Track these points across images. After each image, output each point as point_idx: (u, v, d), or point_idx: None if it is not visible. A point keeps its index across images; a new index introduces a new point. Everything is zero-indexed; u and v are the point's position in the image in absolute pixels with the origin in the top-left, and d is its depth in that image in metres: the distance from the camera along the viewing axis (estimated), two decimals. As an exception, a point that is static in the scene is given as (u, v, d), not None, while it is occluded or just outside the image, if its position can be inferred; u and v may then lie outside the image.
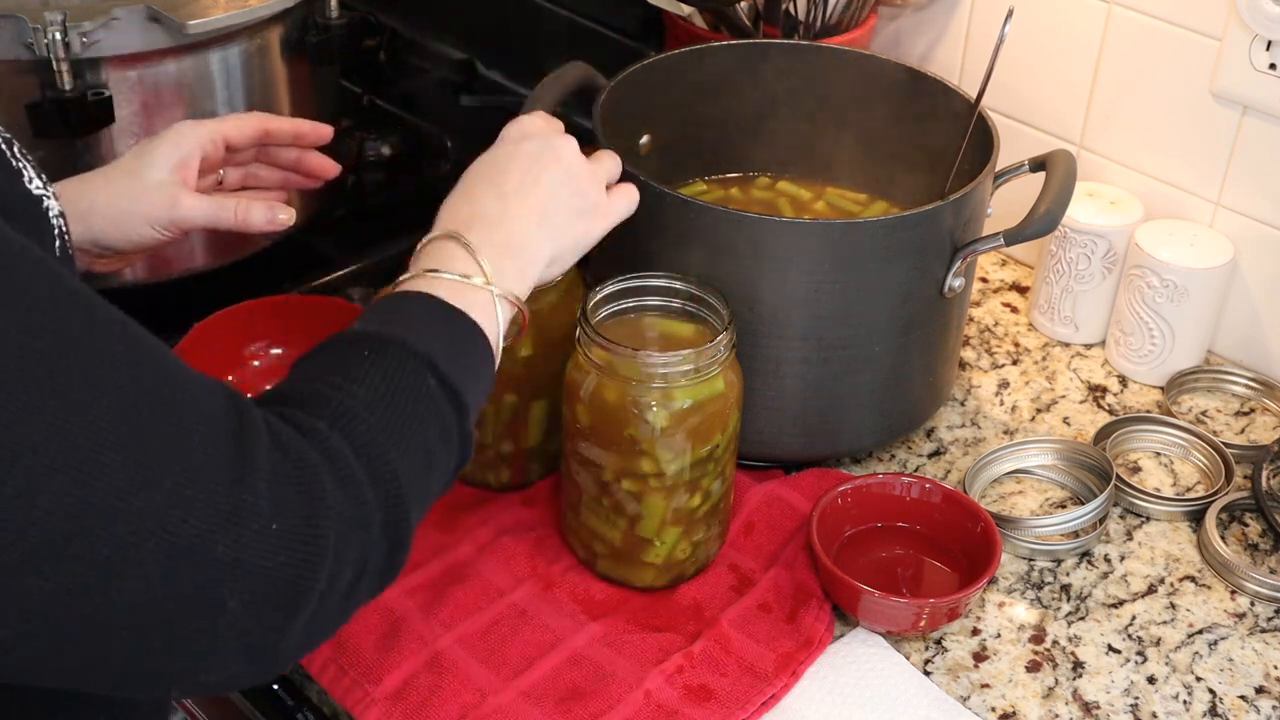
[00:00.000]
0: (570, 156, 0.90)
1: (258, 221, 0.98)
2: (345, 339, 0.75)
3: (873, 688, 0.93)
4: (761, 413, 1.04)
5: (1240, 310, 1.23)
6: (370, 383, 0.71)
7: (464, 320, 0.78)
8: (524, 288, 0.85)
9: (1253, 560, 1.05)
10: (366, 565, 0.67)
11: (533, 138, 0.90)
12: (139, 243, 0.95)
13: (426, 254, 0.83)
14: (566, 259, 0.89)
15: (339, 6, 1.24)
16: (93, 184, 0.95)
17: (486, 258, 0.82)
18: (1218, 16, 1.15)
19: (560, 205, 0.88)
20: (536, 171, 0.87)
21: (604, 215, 0.91)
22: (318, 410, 0.69)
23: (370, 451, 0.68)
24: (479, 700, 0.90)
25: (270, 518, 0.62)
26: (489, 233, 0.83)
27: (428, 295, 0.79)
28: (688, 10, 1.30)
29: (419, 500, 0.72)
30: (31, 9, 1.06)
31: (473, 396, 0.77)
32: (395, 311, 0.78)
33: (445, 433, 0.74)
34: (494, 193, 0.86)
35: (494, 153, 0.90)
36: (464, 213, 0.85)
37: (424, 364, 0.73)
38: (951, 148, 1.09)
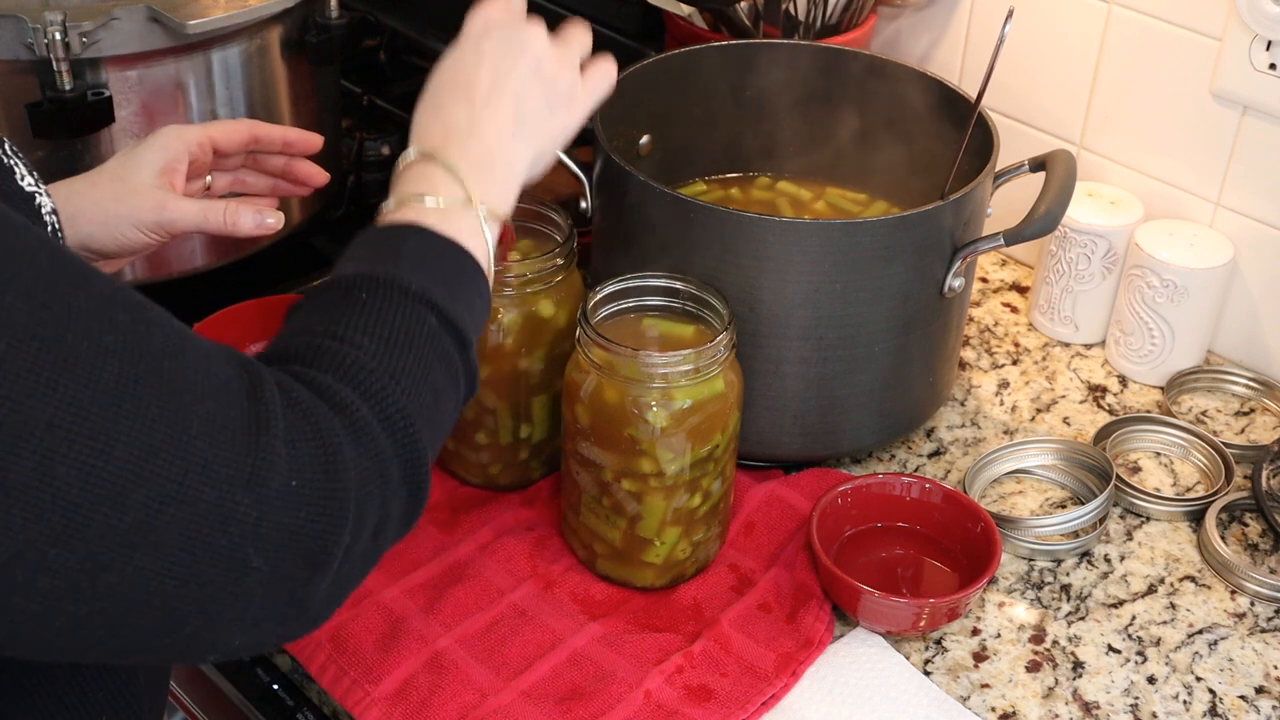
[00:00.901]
0: (537, 46, 0.85)
1: (246, 225, 0.98)
2: (340, 284, 0.73)
3: (873, 688, 0.93)
4: (761, 413, 1.04)
5: (1240, 310, 1.23)
6: (372, 330, 0.70)
7: (456, 250, 0.77)
8: (508, 201, 0.82)
9: (1253, 560, 1.05)
10: (389, 512, 0.68)
11: (495, 31, 0.86)
12: (127, 246, 0.95)
13: (407, 178, 0.80)
14: (548, 156, 0.87)
15: (339, 6, 1.24)
16: (80, 188, 0.95)
17: (468, 176, 0.79)
18: (1218, 16, 1.15)
19: (533, 103, 0.84)
20: (504, 69, 0.84)
21: (581, 101, 0.88)
22: (324, 365, 0.69)
23: (382, 401, 0.68)
24: (479, 700, 0.90)
25: (289, 475, 0.62)
26: (465, 148, 0.81)
27: (417, 226, 0.77)
28: (688, 10, 1.30)
29: (433, 440, 0.72)
30: (31, 9, 1.06)
31: (473, 328, 0.76)
32: (386, 247, 0.76)
33: (450, 369, 0.73)
34: (463, 101, 0.83)
35: (458, 52, 0.86)
36: (436, 127, 0.82)
37: (422, 302, 0.72)
38: (951, 148, 1.09)
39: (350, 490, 0.65)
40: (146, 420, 0.58)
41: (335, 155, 1.39)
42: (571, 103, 0.87)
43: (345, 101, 1.46)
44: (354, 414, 0.67)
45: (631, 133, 1.16)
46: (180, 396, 0.60)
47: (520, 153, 0.83)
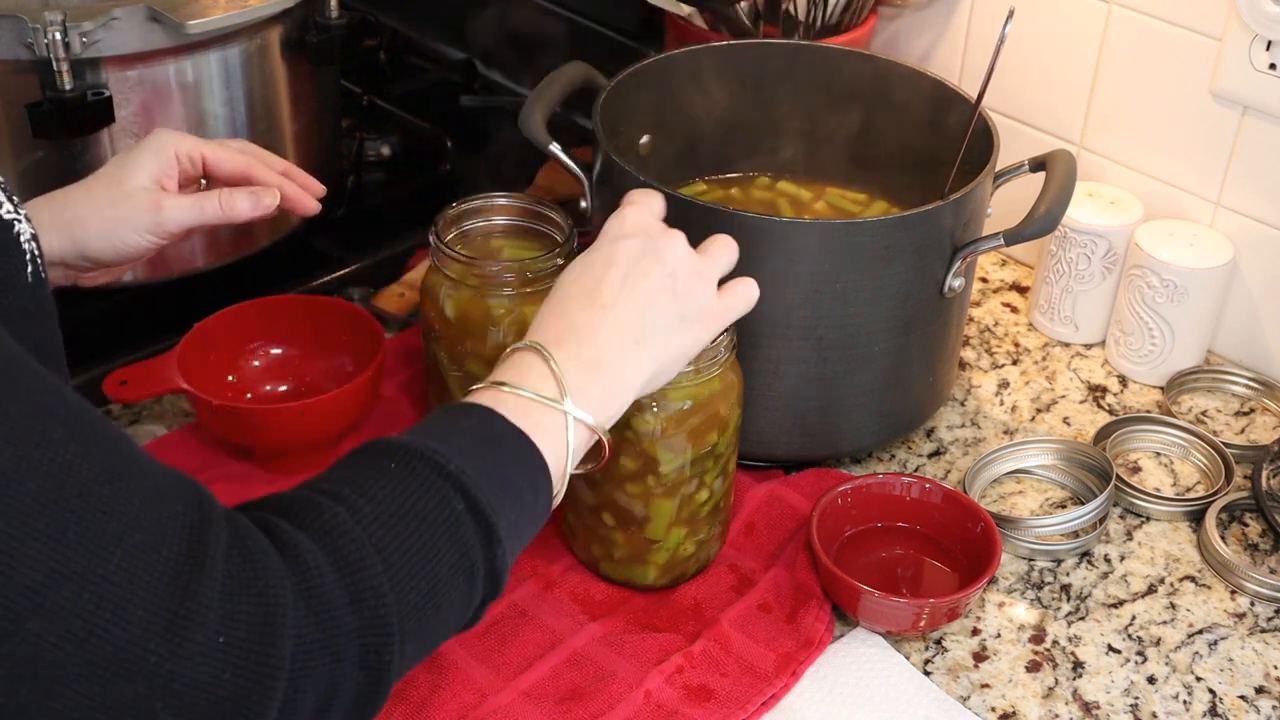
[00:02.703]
0: (674, 258, 0.82)
1: (244, 209, 0.97)
2: (379, 447, 0.69)
3: (873, 688, 0.93)
4: (761, 413, 1.04)
5: (1240, 310, 1.23)
6: (380, 498, 0.65)
7: (522, 442, 0.72)
8: (609, 413, 0.78)
9: (1253, 560, 1.05)
10: (336, 694, 0.62)
11: (633, 237, 0.82)
12: (125, 251, 0.95)
13: (504, 366, 0.77)
14: (670, 372, 0.83)
15: (339, 6, 1.24)
16: (75, 195, 0.95)
17: (568, 375, 0.75)
18: (1218, 16, 1.15)
19: (661, 316, 0.80)
20: (636, 275, 0.80)
21: (714, 318, 0.84)
22: (308, 522, 0.64)
23: (354, 571, 0.63)
24: (479, 700, 0.90)
25: (218, 631, 0.57)
26: (577, 348, 0.77)
27: (487, 409, 0.73)
28: (688, 10, 1.30)
29: (415, 635, 0.66)
30: (31, 9, 1.06)
31: (513, 528, 0.70)
32: (442, 424, 0.72)
33: (465, 561, 0.67)
34: (587, 303, 0.79)
35: (591, 256, 0.83)
36: (554, 325, 0.79)
37: (452, 484, 0.67)
38: (951, 148, 1.09)
39: (284, 660, 0.59)
40: (60, 545, 0.53)
41: (335, 155, 1.39)
42: (704, 318, 0.83)
43: (345, 101, 1.46)
44: (314, 578, 0.61)
45: (631, 133, 1.16)
46: (105, 524, 0.55)
47: (640, 364, 0.79)
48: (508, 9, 1.61)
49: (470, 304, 1.02)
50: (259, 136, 1.22)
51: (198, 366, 1.07)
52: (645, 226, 0.84)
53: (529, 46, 1.60)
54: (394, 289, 1.27)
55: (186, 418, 1.13)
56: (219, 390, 1.09)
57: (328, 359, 1.13)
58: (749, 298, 0.87)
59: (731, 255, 0.87)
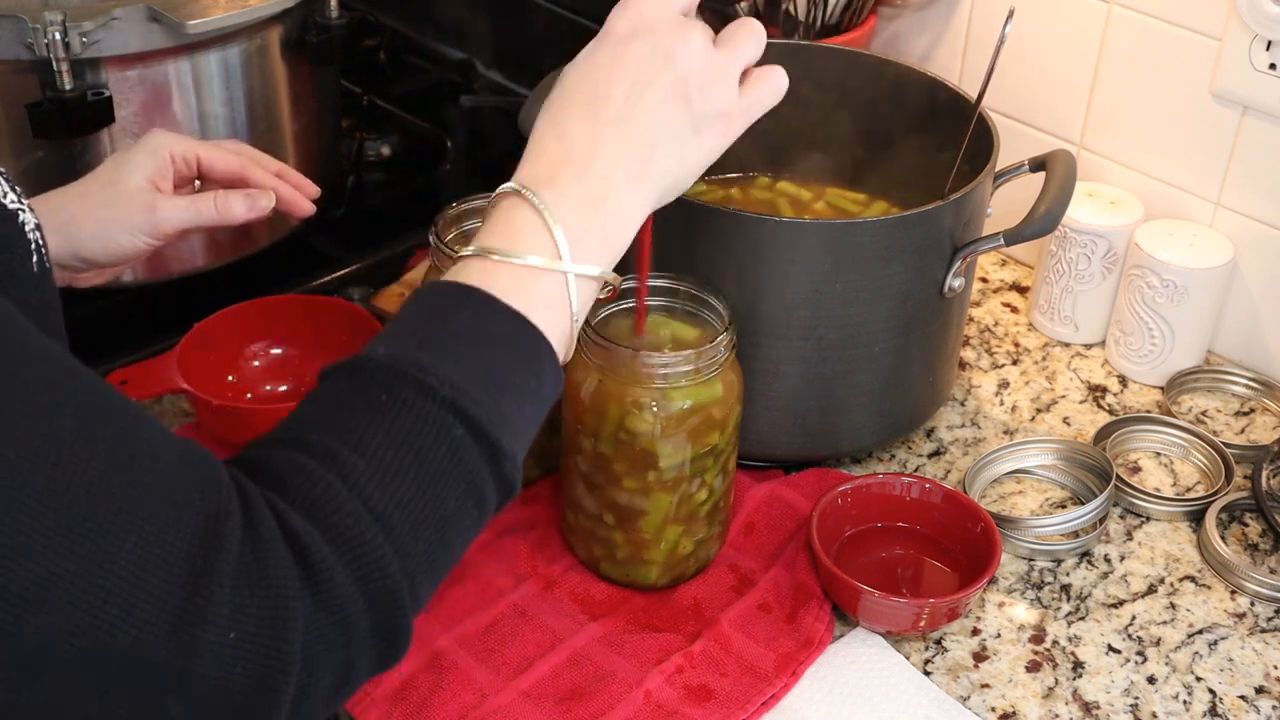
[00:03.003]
0: (687, 57, 0.72)
1: (239, 211, 0.97)
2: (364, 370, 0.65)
3: (873, 688, 0.93)
4: (761, 413, 1.04)
5: (1240, 310, 1.23)
6: (373, 448, 0.62)
7: (519, 327, 0.66)
8: (614, 252, 0.71)
9: (1253, 560, 1.05)
10: (355, 666, 0.62)
11: (640, 35, 0.73)
12: (120, 253, 0.95)
13: (494, 217, 0.70)
14: (683, 186, 0.74)
15: (339, 6, 1.24)
16: (70, 196, 0.95)
17: (567, 224, 0.68)
18: (1218, 16, 1.15)
19: (672, 127, 0.72)
20: (643, 82, 0.71)
21: (734, 120, 0.75)
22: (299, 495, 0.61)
23: (358, 551, 0.61)
24: (479, 700, 0.90)
25: (229, 627, 0.56)
26: (573, 183, 0.69)
27: (478, 294, 0.67)
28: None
29: (426, 578, 0.64)
30: (31, 9, 1.06)
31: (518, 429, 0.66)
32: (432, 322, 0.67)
33: (473, 491, 0.64)
34: (588, 118, 0.71)
35: (594, 56, 0.73)
36: (550, 150, 0.71)
37: (449, 409, 0.63)
38: (951, 148, 1.09)
39: (296, 653, 0.58)
40: (67, 540, 0.52)
41: (335, 155, 1.39)
42: (722, 122, 0.74)
43: (345, 101, 1.46)
44: (318, 565, 0.59)
45: (631, 133, 1.16)
46: (115, 518, 0.54)
47: (648, 187, 0.72)
48: (508, 9, 1.61)
49: (470, 304, 1.01)
50: (259, 137, 1.22)
51: (198, 366, 1.07)
52: (652, 21, 0.74)
53: (529, 46, 1.60)
54: (394, 289, 1.27)
55: (186, 418, 1.13)
56: (219, 390, 1.09)
57: (328, 359, 1.12)
58: (776, 89, 0.76)
59: (758, 42, 0.76)
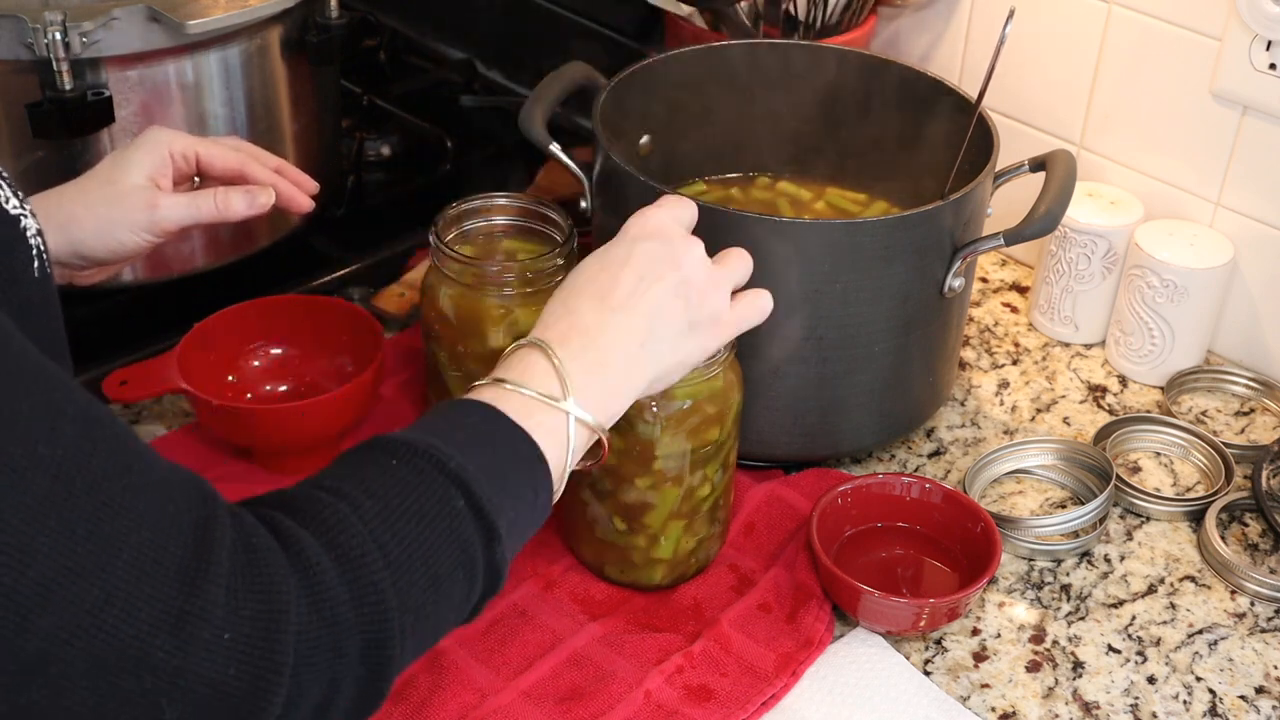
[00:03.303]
0: (690, 263, 0.82)
1: (239, 208, 0.97)
2: (381, 444, 0.69)
3: (873, 688, 0.93)
4: (761, 413, 1.04)
5: (1240, 310, 1.23)
6: (381, 495, 0.66)
7: (522, 440, 0.72)
8: (609, 414, 0.78)
9: (1253, 560, 1.05)
10: (338, 691, 0.63)
11: (652, 239, 0.82)
12: (120, 251, 0.95)
13: (508, 362, 0.77)
14: (673, 376, 0.83)
15: (339, 6, 1.24)
16: (70, 194, 0.95)
17: (572, 376, 0.75)
18: (1218, 16, 1.15)
19: (670, 320, 0.80)
20: (649, 278, 0.80)
21: (724, 328, 0.84)
22: (309, 518, 0.64)
23: (356, 567, 0.63)
24: (479, 700, 0.90)
25: (223, 628, 0.57)
26: (583, 349, 0.77)
27: (489, 408, 0.73)
28: (688, 10, 1.30)
29: (415, 631, 0.66)
30: (31, 9, 1.06)
31: (513, 525, 0.70)
32: (445, 421, 0.72)
33: (466, 559, 0.68)
34: (597, 302, 0.79)
35: (607, 254, 0.82)
36: (562, 323, 0.79)
37: (454, 482, 0.68)
38: (951, 148, 1.09)
39: (288, 655, 0.60)
40: (70, 542, 0.54)
41: (335, 155, 1.39)
42: (714, 327, 0.83)
43: (345, 101, 1.46)
44: (316, 575, 0.62)
45: (631, 133, 1.16)
46: (114, 521, 0.56)
47: (643, 367, 0.80)
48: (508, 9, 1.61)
49: (470, 304, 1.02)
50: (259, 136, 1.22)
51: (198, 366, 1.07)
52: (666, 230, 0.83)
53: (529, 46, 1.60)
54: (394, 289, 1.27)
55: (186, 418, 1.13)
56: (219, 390, 1.09)
57: (328, 359, 1.13)
58: (761, 310, 0.87)
59: (747, 268, 0.87)
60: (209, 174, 1.00)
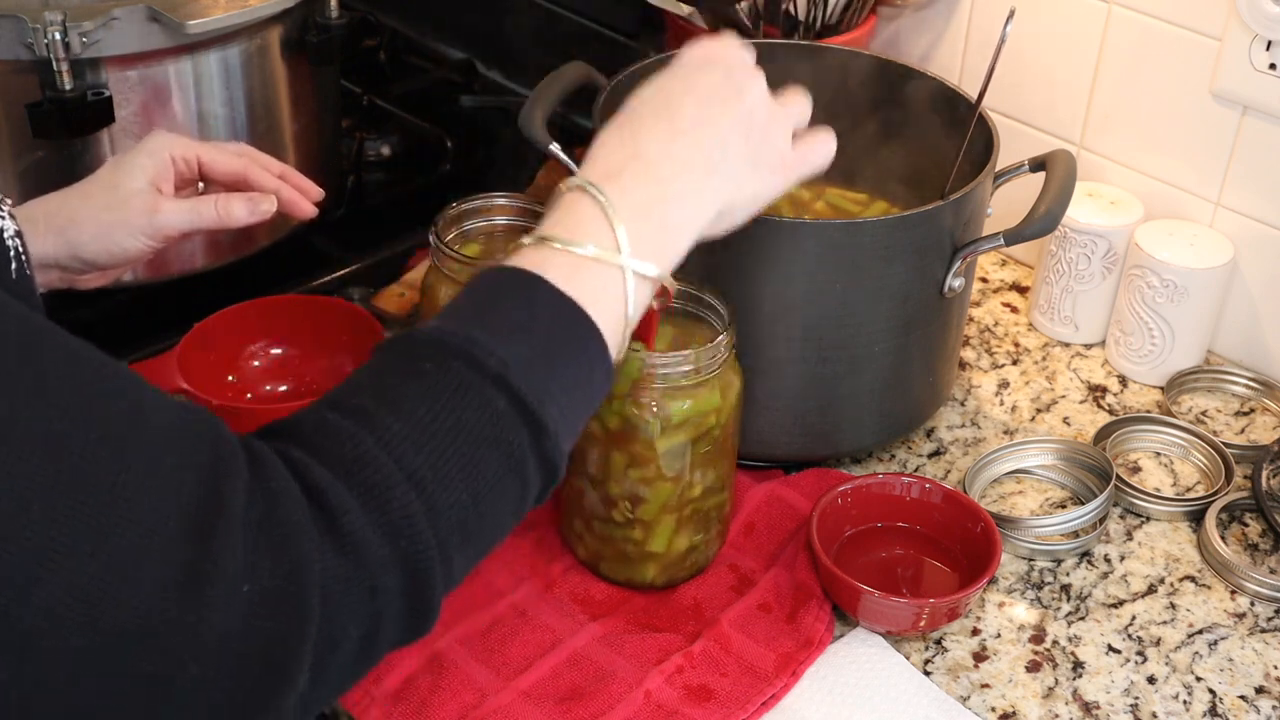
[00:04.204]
0: (755, 95, 0.77)
1: (240, 215, 0.97)
2: (413, 342, 0.65)
3: (873, 688, 0.93)
4: (761, 413, 1.04)
5: (1240, 310, 1.23)
6: (412, 412, 0.61)
7: (571, 313, 0.66)
8: (672, 257, 0.72)
9: (1253, 560, 1.05)
10: (381, 625, 0.61)
11: (715, 66, 0.77)
12: (121, 255, 0.95)
13: (555, 211, 0.70)
14: (738, 215, 0.76)
15: (339, 6, 1.24)
16: (71, 198, 0.95)
17: (629, 221, 0.69)
18: (1218, 16, 1.15)
19: (737, 153, 0.75)
20: (714, 105, 0.74)
21: (789, 167, 0.78)
22: (329, 454, 0.60)
23: (385, 503, 0.60)
24: (479, 700, 0.90)
25: (241, 580, 0.55)
26: (643, 181, 0.71)
27: (532, 278, 0.66)
28: (688, 10, 1.30)
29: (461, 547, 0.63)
30: (31, 9, 1.06)
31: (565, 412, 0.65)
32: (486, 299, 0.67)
33: (513, 465, 0.63)
34: (663, 128, 0.73)
35: (668, 80, 0.77)
36: (621, 151, 0.72)
37: (492, 381, 0.63)
38: (951, 148, 1.09)
39: (313, 603, 0.57)
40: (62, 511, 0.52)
41: (335, 155, 1.39)
42: (778, 166, 0.78)
43: (345, 101, 1.46)
44: (339, 517, 0.59)
45: (631, 133, 1.16)
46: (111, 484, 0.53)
47: (707, 202, 0.74)
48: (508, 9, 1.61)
49: (470, 304, 1.01)
50: (259, 137, 1.22)
51: (198, 366, 1.06)
52: (727, 59, 0.78)
53: (529, 46, 1.60)
54: (394, 289, 1.27)
55: (186, 418, 1.13)
56: (219, 390, 1.09)
57: (328, 359, 1.13)
58: (826, 152, 0.81)
59: (807, 109, 0.82)
60: (211, 179, 1.00)
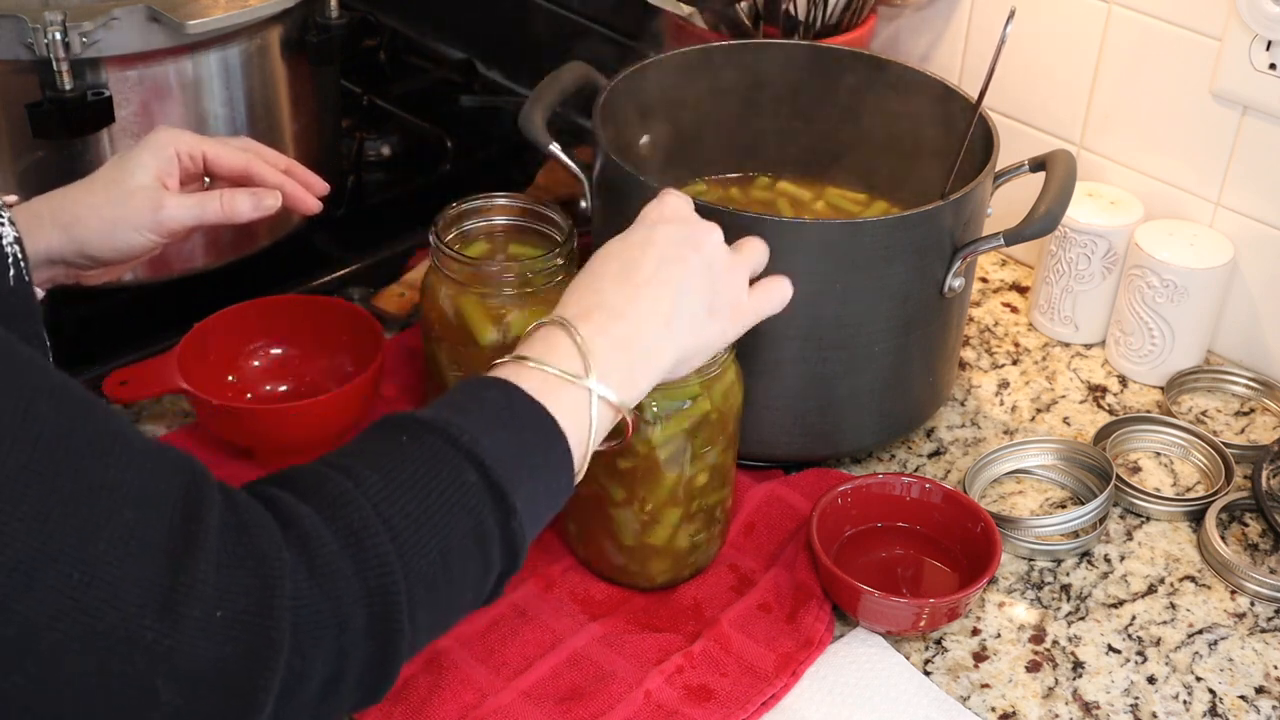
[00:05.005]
0: (711, 248, 0.82)
1: (245, 209, 0.97)
2: (393, 421, 0.69)
3: (873, 688, 0.93)
4: (761, 413, 1.04)
5: (1240, 310, 1.23)
6: (390, 470, 0.65)
7: (542, 419, 0.71)
8: (633, 392, 0.77)
9: (1253, 560, 1.05)
10: (345, 666, 0.62)
11: (672, 223, 0.83)
12: (126, 251, 0.95)
13: (530, 340, 0.76)
14: (694, 361, 0.82)
15: (339, 6, 1.24)
16: (76, 194, 0.95)
17: (595, 353, 0.74)
18: (1218, 16, 1.15)
19: (693, 302, 0.80)
20: (672, 260, 0.80)
21: (743, 314, 0.84)
22: (312, 494, 0.63)
23: (360, 539, 0.62)
24: (479, 700, 0.90)
25: (215, 605, 0.56)
26: (607, 326, 0.76)
27: (509, 384, 0.72)
28: (688, 10, 1.30)
29: (426, 603, 0.65)
30: (31, 9, 1.06)
31: (530, 501, 0.69)
32: (464, 398, 0.71)
33: (479, 534, 0.66)
34: (622, 282, 0.79)
35: (629, 237, 0.82)
36: (586, 300, 0.78)
37: (467, 456, 0.66)
38: (951, 148, 1.09)
39: (284, 630, 0.58)
40: (46, 524, 0.53)
41: (335, 155, 1.39)
42: (734, 313, 0.83)
43: (345, 101, 1.46)
44: (315, 547, 0.61)
45: (631, 133, 1.16)
46: (94, 501, 0.54)
47: (667, 348, 0.79)
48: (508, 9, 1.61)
49: (470, 304, 1.02)
50: (259, 137, 1.22)
51: (198, 366, 1.07)
52: (684, 215, 0.84)
53: (529, 46, 1.60)
54: (394, 289, 1.27)
55: (186, 418, 1.13)
56: (219, 390, 1.09)
57: (328, 359, 1.13)
58: (781, 298, 0.87)
59: (763, 256, 0.87)
60: (216, 174, 1.00)
